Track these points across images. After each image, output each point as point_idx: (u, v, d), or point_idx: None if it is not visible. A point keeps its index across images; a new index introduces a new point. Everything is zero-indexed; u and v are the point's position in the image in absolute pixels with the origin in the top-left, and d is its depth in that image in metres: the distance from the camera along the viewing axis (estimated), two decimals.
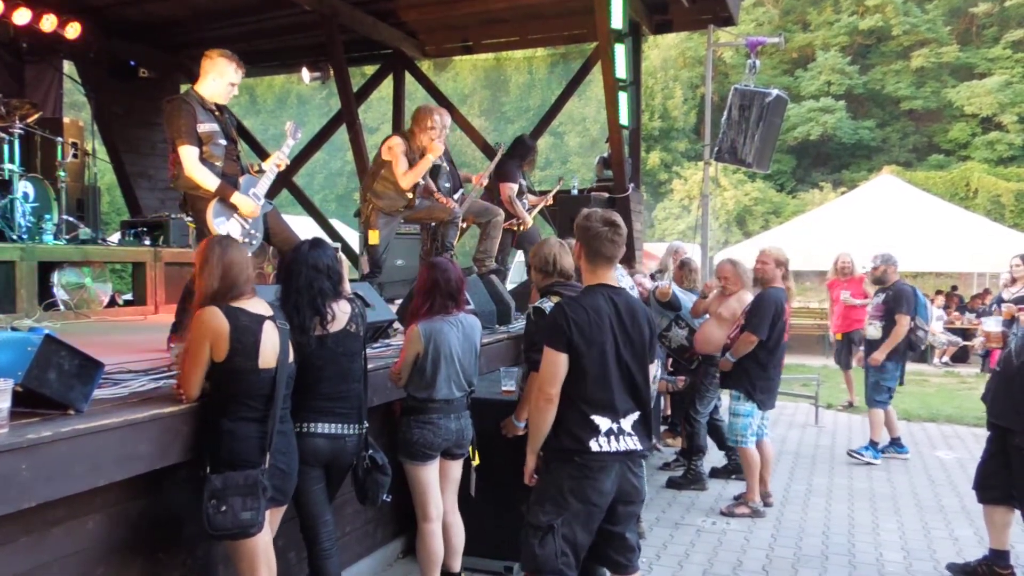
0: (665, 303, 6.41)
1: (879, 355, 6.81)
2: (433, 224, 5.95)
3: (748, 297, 5.62)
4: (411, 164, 5.42)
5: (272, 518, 3.04)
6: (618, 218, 3.09)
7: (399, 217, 5.72)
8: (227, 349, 2.80)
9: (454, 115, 9.45)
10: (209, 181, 4.03)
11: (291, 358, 3.01)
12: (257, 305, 2.95)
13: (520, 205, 7.13)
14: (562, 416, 2.96)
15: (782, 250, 5.69)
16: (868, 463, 6.91)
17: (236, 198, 4.08)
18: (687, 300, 6.46)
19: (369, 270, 5.59)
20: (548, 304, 3.69)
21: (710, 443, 6.38)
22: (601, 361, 2.94)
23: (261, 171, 4.32)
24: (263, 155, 10.67)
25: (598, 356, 2.93)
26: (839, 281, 9.27)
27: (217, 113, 4.17)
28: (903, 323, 6.74)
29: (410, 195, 5.54)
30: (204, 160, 4.05)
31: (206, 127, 4.06)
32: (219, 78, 4.13)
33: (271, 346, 2.90)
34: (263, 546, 2.90)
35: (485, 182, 6.65)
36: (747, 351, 5.38)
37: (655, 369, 3.14)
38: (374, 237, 5.54)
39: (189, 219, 4.32)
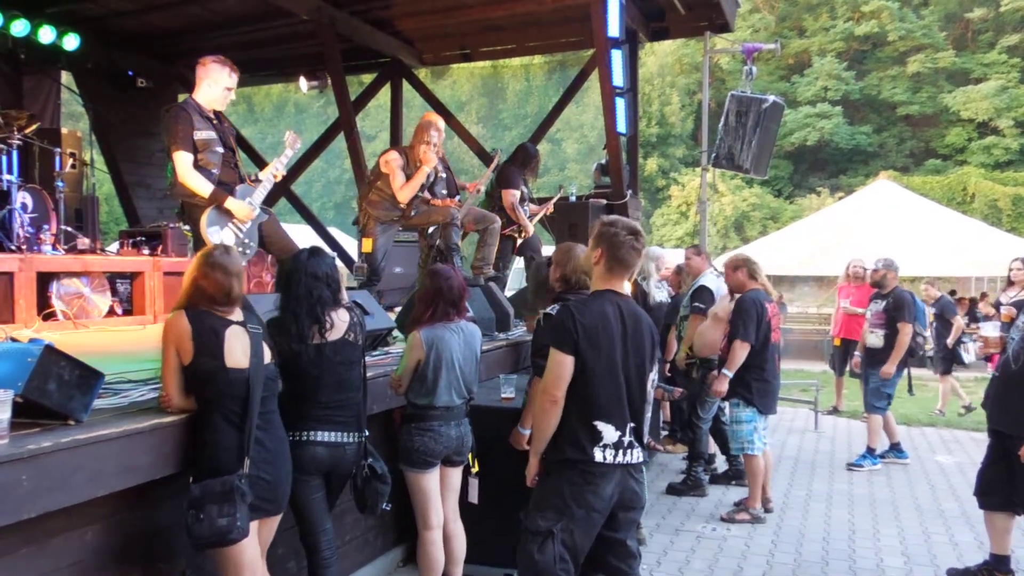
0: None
1: (889, 368, 6.72)
2: (431, 230, 5.97)
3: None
4: (408, 178, 5.48)
5: (263, 529, 2.99)
6: (640, 227, 3.09)
7: (396, 225, 5.76)
8: (192, 350, 2.80)
9: (452, 123, 9.47)
10: (203, 187, 4.03)
11: (267, 361, 2.96)
12: (229, 314, 2.92)
13: (522, 212, 7.15)
14: (564, 425, 2.94)
15: (742, 254, 5.76)
16: (869, 470, 6.91)
17: (230, 203, 4.08)
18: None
19: (367, 278, 5.62)
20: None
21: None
22: (607, 366, 2.92)
23: (258, 180, 4.32)
24: (261, 164, 10.67)
25: (605, 361, 2.91)
26: (847, 286, 9.20)
27: (215, 121, 4.18)
28: (906, 331, 6.67)
29: (404, 206, 5.61)
30: (200, 167, 4.05)
31: (203, 134, 4.06)
32: (214, 84, 4.14)
33: (239, 346, 2.86)
34: (249, 558, 2.83)
35: (482, 188, 6.68)
36: (743, 359, 5.38)
37: (654, 374, 3.12)
38: (367, 245, 5.59)
39: (187, 228, 4.32)
